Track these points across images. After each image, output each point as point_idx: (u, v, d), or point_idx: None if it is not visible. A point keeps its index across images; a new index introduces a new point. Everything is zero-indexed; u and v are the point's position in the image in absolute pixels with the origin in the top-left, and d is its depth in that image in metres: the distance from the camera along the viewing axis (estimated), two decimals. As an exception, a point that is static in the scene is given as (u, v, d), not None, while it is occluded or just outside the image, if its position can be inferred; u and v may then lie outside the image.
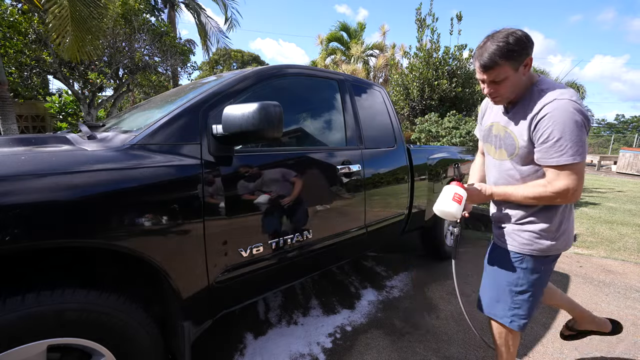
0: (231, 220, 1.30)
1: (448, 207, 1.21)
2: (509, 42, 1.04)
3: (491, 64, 1.06)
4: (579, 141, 1.00)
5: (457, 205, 1.20)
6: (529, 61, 1.09)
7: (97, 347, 0.97)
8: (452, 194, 1.22)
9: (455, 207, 1.20)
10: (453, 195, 1.22)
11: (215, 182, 1.24)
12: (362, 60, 14.10)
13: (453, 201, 1.21)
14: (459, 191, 1.22)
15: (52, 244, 0.88)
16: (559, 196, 1.06)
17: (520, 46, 1.05)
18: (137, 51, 6.97)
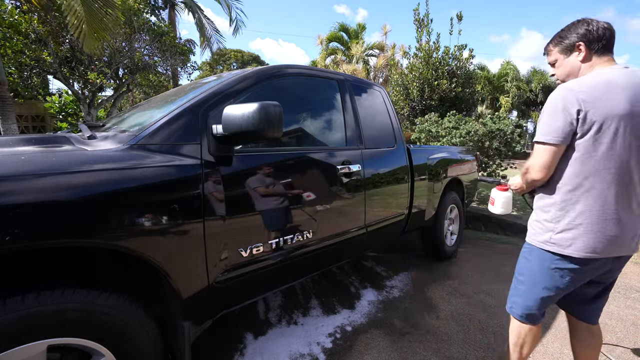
0: (231, 220, 1.30)
1: (494, 210, 1.57)
2: (562, 29, 1.17)
3: (545, 49, 1.25)
4: (546, 121, 1.08)
5: (497, 208, 1.56)
6: (580, 47, 1.12)
7: (97, 347, 0.97)
8: (492, 199, 1.58)
9: (497, 209, 1.56)
10: (492, 200, 1.57)
11: (215, 182, 1.24)
12: (362, 60, 14.10)
13: (492, 205, 1.56)
14: (495, 196, 1.56)
15: (52, 244, 0.88)
16: (524, 171, 1.20)
17: (568, 32, 1.14)
18: (137, 51, 6.97)
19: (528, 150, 18.83)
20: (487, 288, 2.51)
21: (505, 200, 1.52)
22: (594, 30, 1.09)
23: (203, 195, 1.20)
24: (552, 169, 1.11)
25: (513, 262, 3.12)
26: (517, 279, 1.29)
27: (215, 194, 1.24)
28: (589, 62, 1.11)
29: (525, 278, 1.24)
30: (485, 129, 4.87)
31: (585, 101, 1.01)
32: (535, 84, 19.27)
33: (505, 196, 1.52)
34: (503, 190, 1.52)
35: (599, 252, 1.05)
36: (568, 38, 1.14)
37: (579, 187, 1.06)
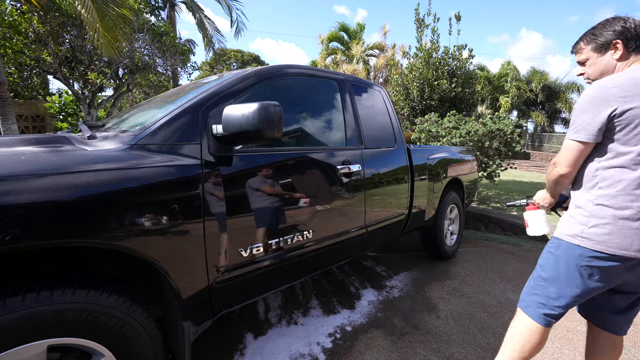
0: (231, 220, 1.30)
1: (532, 232, 1.48)
2: (594, 27, 1.13)
3: (573, 47, 1.20)
4: (578, 118, 1.05)
5: (533, 229, 1.47)
6: (616, 45, 1.08)
7: (97, 347, 0.97)
8: (526, 221, 1.50)
9: (534, 230, 1.47)
10: (526, 222, 1.50)
11: (215, 182, 1.24)
12: (363, 60, 14.10)
13: (528, 227, 1.49)
14: (527, 217, 1.49)
15: (53, 244, 0.88)
16: (551, 164, 1.17)
17: (603, 29, 1.09)
18: (137, 51, 6.97)
19: (528, 150, 18.88)
20: (487, 288, 2.51)
21: (540, 218, 1.45)
22: (632, 27, 1.05)
23: (203, 195, 1.20)
24: (578, 166, 1.09)
25: (513, 262, 3.14)
26: (539, 275, 1.21)
27: (215, 194, 1.24)
28: (625, 61, 1.07)
29: (549, 274, 1.16)
30: (485, 129, 4.87)
31: (620, 98, 0.97)
32: (535, 84, 19.28)
33: (538, 215, 1.45)
34: (534, 209, 1.45)
35: (634, 250, 0.98)
36: (603, 35, 1.09)
37: None
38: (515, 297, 2.37)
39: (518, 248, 3.52)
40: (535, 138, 20.87)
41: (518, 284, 2.60)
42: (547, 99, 19.75)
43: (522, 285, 2.55)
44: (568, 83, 19.70)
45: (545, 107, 20.21)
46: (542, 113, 19.97)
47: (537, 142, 20.50)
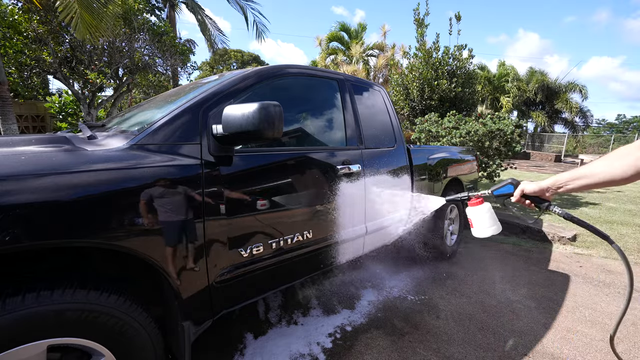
0: (231, 220, 1.30)
1: (478, 232, 1.27)
2: None
3: None
4: None
5: (479, 229, 1.24)
6: None
7: (97, 347, 0.97)
8: (469, 220, 1.27)
9: (479, 230, 1.25)
10: (470, 221, 1.27)
11: (215, 182, 1.24)
12: (363, 60, 14.10)
13: (473, 227, 1.26)
14: (470, 214, 1.27)
15: (53, 244, 0.88)
16: None
17: None
18: (137, 51, 6.97)
19: (528, 150, 18.88)
20: (487, 288, 2.51)
21: (486, 215, 1.22)
22: None
23: (203, 195, 1.20)
24: None
25: (513, 262, 3.14)
26: None
27: (215, 194, 1.24)
28: None
29: None
30: (485, 129, 4.87)
31: None
32: (533, 84, 19.29)
33: (483, 210, 1.22)
34: (478, 204, 1.21)
35: None
36: None
37: None
38: (515, 297, 2.37)
39: (518, 248, 3.52)
40: (536, 138, 20.87)
41: (518, 284, 2.60)
42: (547, 99, 19.75)
43: (522, 285, 2.56)
44: (568, 83, 19.70)
45: (545, 107, 20.21)
46: (542, 113, 19.97)
47: (537, 142, 20.51)
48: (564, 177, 0.98)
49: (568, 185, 0.98)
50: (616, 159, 0.85)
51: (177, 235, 1.13)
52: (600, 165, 0.89)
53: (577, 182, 0.95)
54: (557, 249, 3.52)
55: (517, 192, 1.11)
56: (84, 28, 4.84)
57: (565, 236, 3.65)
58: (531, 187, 1.07)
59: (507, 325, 2.00)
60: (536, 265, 3.00)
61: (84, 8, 4.75)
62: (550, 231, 3.77)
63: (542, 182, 1.05)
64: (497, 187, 1.17)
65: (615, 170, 0.84)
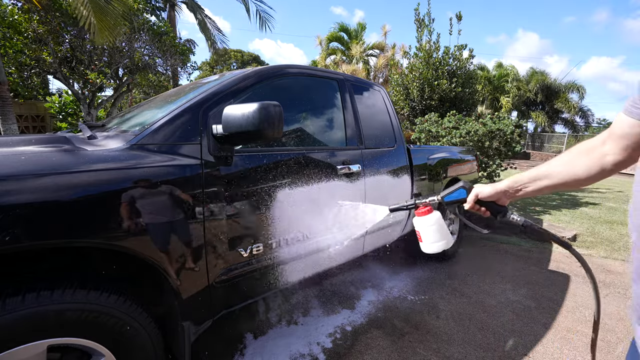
0: (231, 220, 1.30)
1: (427, 248, 1.02)
2: None
3: None
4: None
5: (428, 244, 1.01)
6: None
7: (97, 347, 0.97)
8: (417, 232, 1.03)
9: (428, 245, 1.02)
10: (418, 234, 1.03)
11: (215, 182, 1.24)
12: (363, 60, 14.10)
13: (422, 242, 1.03)
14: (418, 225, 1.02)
15: (53, 244, 0.88)
16: None
17: None
18: (137, 51, 6.97)
19: (528, 150, 18.89)
20: (487, 288, 2.51)
21: (435, 226, 0.99)
22: None
23: (203, 195, 1.20)
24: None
25: (513, 262, 3.14)
26: None
27: (215, 193, 1.24)
28: None
29: None
30: (485, 129, 4.88)
31: None
32: (533, 84, 19.30)
33: (432, 221, 1.00)
34: (427, 214, 1.00)
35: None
36: None
37: None
38: (515, 297, 2.37)
39: (518, 248, 3.52)
40: (536, 138, 20.88)
41: (518, 284, 2.60)
42: (547, 98, 19.76)
43: (522, 285, 2.56)
44: (568, 83, 19.71)
45: (545, 107, 20.22)
46: (542, 113, 19.98)
47: (537, 142, 20.52)
48: (524, 178, 0.84)
49: (528, 187, 0.84)
50: (578, 156, 0.75)
51: (177, 235, 1.13)
52: (561, 163, 0.78)
53: (538, 184, 0.82)
54: (557, 249, 3.52)
55: (470, 198, 0.94)
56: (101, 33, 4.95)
57: (565, 236, 3.65)
58: (487, 191, 0.91)
59: (507, 325, 2.00)
60: (536, 265, 3.00)
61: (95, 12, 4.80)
62: (550, 231, 3.77)
63: (498, 185, 0.89)
64: (447, 192, 1.00)
65: (578, 170, 0.74)
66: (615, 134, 0.68)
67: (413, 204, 1.03)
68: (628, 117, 0.64)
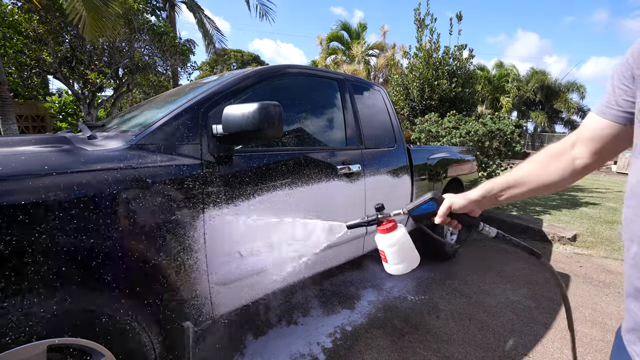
0: (231, 220, 1.30)
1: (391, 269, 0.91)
2: None
3: None
4: None
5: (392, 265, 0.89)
6: None
7: (97, 347, 0.97)
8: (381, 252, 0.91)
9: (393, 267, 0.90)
10: (382, 253, 0.91)
11: (215, 181, 1.24)
12: (363, 60, 14.11)
13: (386, 262, 0.91)
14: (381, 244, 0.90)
15: (52, 244, 0.88)
16: None
17: None
18: (137, 51, 6.97)
19: (528, 150, 18.89)
20: (487, 288, 2.51)
21: (396, 247, 0.87)
22: None
23: (203, 195, 1.20)
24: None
25: (513, 262, 3.13)
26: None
27: (215, 193, 1.24)
28: None
29: None
30: (485, 129, 4.88)
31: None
32: (533, 84, 19.31)
33: (393, 241, 0.87)
34: (390, 231, 0.87)
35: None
36: None
37: None
38: (515, 297, 2.37)
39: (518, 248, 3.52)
40: (536, 138, 20.88)
41: (518, 284, 2.60)
42: (547, 99, 19.77)
43: (522, 285, 2.56)
44: (568, 83, 19.72)
45: (544, 107, 20.23)
46: (542, 113, 19.99)
47: (537, 142, 20.52)
48: (497, 186, 0.80)
49: (502, 195, 0.80)
50: (549, 161, 0.73)
51: (177, 234, 1.13)
52: (534, 169, 0.75)
53: (512, 192, 0.78)
54: (557, 249, 3.52)
55: (442, 210, 0.85)
56: (92, 29, 4.88)
57: (565, 236, 3.65)
58: (460, 202, 0.83)
59: (507, 325, 2.00)
60: (536, 265, 3.00)
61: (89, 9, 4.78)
62: (550, 231, 3.77)
63: (470, 195, 0.83)
64: (415, 204, 0.88)
65: (552, 176, 0.73)
66: (584, 136, 0.66)
67: (375, 218, 0.89)
68: (600, 117, 0.62)
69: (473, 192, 0.83)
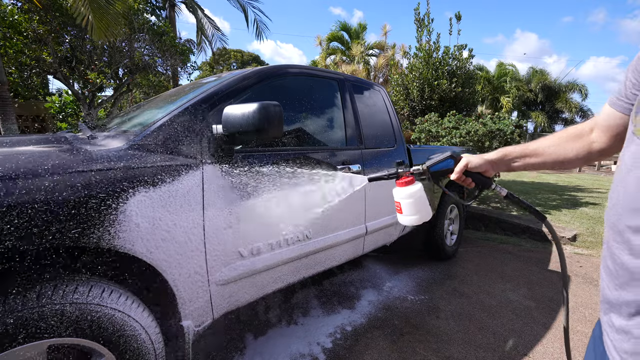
0: (231, 220, 1.30)
1: (404, 219, 0.99)
2: None
3: None
4: None
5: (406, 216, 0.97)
6: None
7: (97, 347, 0.97)
8: (397, 203, 0.99)
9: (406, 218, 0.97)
10: (397, 204, 0.99)
11: (215, 181, 1.24)
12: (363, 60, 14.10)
13: (401, 213, 0.98)
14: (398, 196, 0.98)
15: (53, 244, 0.88)
16: None
17: None
18: (136, 51, 6.97)
19: (528, 150, 18.79)
20: (487, 288, 2.51)
21: (413, 199, 0.95)
22: None
23: (203, 195, 1.20)
24: None
25: (513, 262, 3.14)
26: None
27: (215, 193, 1.24)
28: None
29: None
30: (485, 129, 4.88)
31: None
32: (534, 84, 19.30)
33: (410, 193, 0.95)
34: (408, 184, 0.96)
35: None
36: None
37: None
38: (515, 297, 2.37)
39: (518, 248, 3.52)
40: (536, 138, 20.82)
41: (518, 284, 2.60)
42: (547, 98, 19.77)
43: (522, 285, 2.56)
44: (568, 83, 19.72)
45: (545, 107, 20.23)
46: (542, 113, 19.99)
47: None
48: (516, 151, 0.86)
49: (516, 162, 0.87)
50: (568, 140, 0.79)
51: (177, 235, 1.13)
52: (552, 145, 0.81)
53: (527, 160, 0.85)
54: (557, 249, 3.51)
55: (459, 167, 0.91)
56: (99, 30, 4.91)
57: (565, 236, 3.65)
58: (476, 161, 0.89)
59: (507, 325, 2.00)
60: (536, 265, 3.00)
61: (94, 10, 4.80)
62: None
63: (487, 156, 0.90)
64: (433, 161, 0.96)
65: (568, 153, 0.78)
66: (600, 124, 0.71)
67: (395, 173, 0.98)
68: (612, 108, 0.66)
69: (490, 154, 0.90)
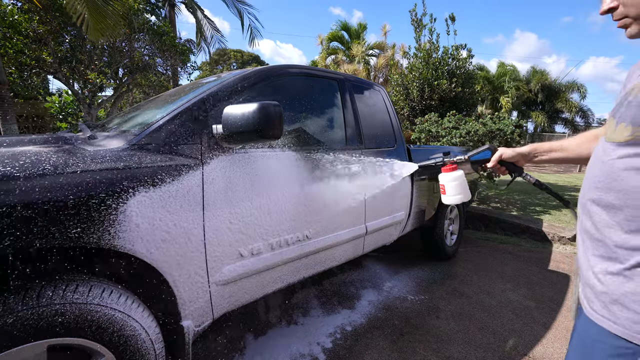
0: (231, 220, 1.30)
1: (448, 199, 1.31)
2: None
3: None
4: None
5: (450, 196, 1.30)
6: None
7: (97, 347, 0.97)
8: (442, 185, 1.33)
9: (450, 198, 1.30)
10: (442, 187, 1.32)
11: (215, 181, 1.24)
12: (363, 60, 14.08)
13: (445, 194, 1.31)
14: (443, 180, 1.31)
15: (53, 244, 0.88)
16: None
17: None
18: (136, 51, 6.97)
19: (528, 151, 18.80)
20: (487, 288, 2.51)
21: (457, 182, 1.29)
22: None
23: (203, 195, 1.20)
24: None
25: (513, 262, 3.14)
26: None
27: (215, 193, 1.24)
28: None
29: None
30: (485, 129, 4.87)
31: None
32: (534, 84, 19.29)
33: (454, 177, 1.29)
34: (452, 170, 1.30)
35: None
36: None
37: None
38: (515, 297, 2.37)
39: (518, 248, 3.52)
40: (536, 138, 20.85)
41: (518, 284, 2.60)
42: (547, 98, 19.75)
43: (522, 285, 2.56)
44: (568, 83, 19.71)
45: (545, 107, 20.21)
46: (542, 113, 19.97)
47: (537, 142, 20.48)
48: (544, 147, 1.02)
49: (544, 156, 1.03)
50: (588, 141, 0.93)
51: (177, 235, 1.13)
52: (575, 142, 0.96)
53: (554, 154, 1.00)
54: (557, 249, 3.52)
55: (494, 157, 1.12)
56: (95, 29, 4.89)
57: (565, 236, 3.65)
58: (509, 153, 1.10)
59: (507, 325, 2.01)
60: (536, 265, 3.00)
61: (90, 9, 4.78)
62: (550, 231, 3.77)
63: (520, 149, 1.08)
64: (474, 152, 1.21)
65: (585, 151, 0.92)
66: None
67: (442, 161, 1.31)
68: None
69: (522, 147, 1.08)
